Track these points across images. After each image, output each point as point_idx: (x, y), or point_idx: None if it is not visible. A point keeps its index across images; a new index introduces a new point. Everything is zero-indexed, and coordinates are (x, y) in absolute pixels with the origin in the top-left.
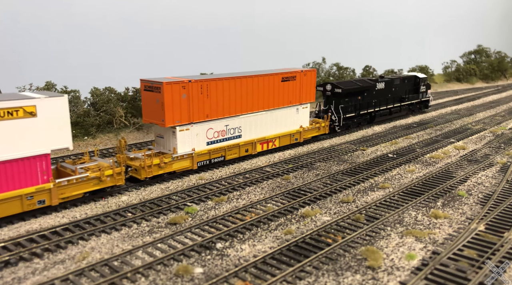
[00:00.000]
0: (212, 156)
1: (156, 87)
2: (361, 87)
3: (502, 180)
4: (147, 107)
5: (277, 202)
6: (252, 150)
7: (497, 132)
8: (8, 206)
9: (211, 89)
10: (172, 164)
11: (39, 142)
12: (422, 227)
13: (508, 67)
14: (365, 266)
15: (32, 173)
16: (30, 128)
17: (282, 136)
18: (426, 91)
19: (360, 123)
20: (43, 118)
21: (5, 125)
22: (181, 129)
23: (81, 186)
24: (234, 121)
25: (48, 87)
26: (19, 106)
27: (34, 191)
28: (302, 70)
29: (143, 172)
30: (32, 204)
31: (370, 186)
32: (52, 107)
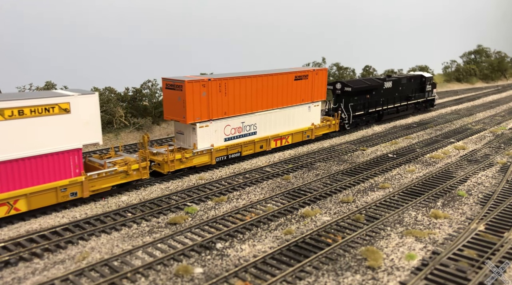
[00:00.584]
0: (230, 152)
1: (178, 85)
2: (369, 86)
3: (502, 180)
4: (169, 105)
5: (277, 202)
6: (267, 146)
7: (497, 132)
8: (45, 197)
9: (229, 87)
10: (193, 159)
11: (72, 137)
12: (422, 227)
13: (508, 67)
14: (365, 266)
15: (66, 167)
16: (64, 124)
17: (294, 133)
18: (432, 90)
19: (368, 121)
20: (76, 115)
21: (43, 121)
22: (201, 126)
23: (109, 180)
24: (250, 118)
25: (48, 87)
26: (55, 103)
27: (67, 183)
28: (314, 69)
29: (166, 166)
30: (65, 196)
31: (370, 186)
32: (84, 104)
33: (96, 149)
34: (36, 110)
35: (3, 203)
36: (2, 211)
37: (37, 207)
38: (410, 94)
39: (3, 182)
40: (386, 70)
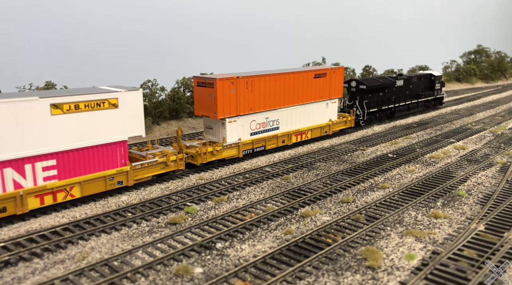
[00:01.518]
0: (255, 146)
1: (209, 83)
2: (382, 84)
3: (502, 180)
4: (199, 101)
5: (277, 202)
6: (288, 141)
7: (497, 132)
8: (96, 185)
9: (255, 85)
10: (222, 152)
11: (119, 130)
12: (422, 227)
13: (508, 67)
14: (365, 266)
15: (113, 157)
16: (112, 117)
17: (313, 129)
18: (441, 88)
19: (381, 118)
20: (123, 109)
21: (95, 115)
22: (230, 121)
23: (150, 170)
24: (273, 114)
25: (48, 87)
26: (105, 99)
27: (115, 172)
28: (331, 67)
29: (199, 158)
30: (112, 184)
31: (370, 186)
32: (130, 100)
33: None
34: (89, 104)
35: (61, 190)
36: (60, 197)
37: (88, 193)
38: (420, 92)
39: (61, 171)
40: (386, 70)
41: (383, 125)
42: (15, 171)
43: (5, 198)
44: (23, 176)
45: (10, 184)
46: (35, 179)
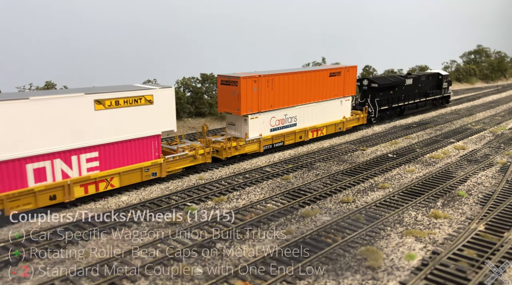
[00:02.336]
0: (274, 141)
1: (233, 81)
2: (393, 83)
3: (502, 180)
4: (223, 99)
5: (277, 202)
6: (305, 137)
7: (497, 132)
8: (133, 176)
9: (275, 83)
10: (245, 147)
11: (154, 124)
12: (422, 227)
13: (508, 67)
14: (365, 266)
15: (148, 150)
16: (148, 113)
17: (329, 125)
18: (448, 87)
19: (391, 115)
20: (157, 105)
21: (132, 110)
22: (252, 117)
23: (181, 162)
24: (291, 111)
25: (48, 87)
26: (142, 95)
27: (150, 164)
28: (345, 66)
29: (224, 152)
30: (148, 175)
31: (370, 186)
32: (164, 96)
33: None
34: (128, 100)
35: (103, 180)
36: (101, 186)
37: (126, 184)
38: (428, 91)
39: (102, 162)
40: (386, 70)
41: (383, 125)
42: (63, 162)
43: (55, 187)
44: (70, 166)
45: (59, 174)
46: (80, 170)
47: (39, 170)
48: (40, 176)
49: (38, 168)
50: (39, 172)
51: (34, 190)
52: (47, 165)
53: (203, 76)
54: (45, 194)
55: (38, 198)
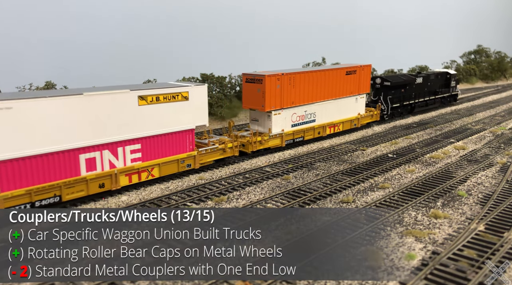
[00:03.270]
0: (295, 136)
1: (258, 79)
2: (404, 81)
3: (502, 180)
4: (248, 96)
5: (277, 202)
6: (323, 132)
7: (497, 132)
8: (170, 167)
9: (296, 81)
10: (268, 142)
11: (189, 119)
12: (422, 227)
13: (508, 67)
14: (365, 266)
15: (184, 143)
16: (184, 108)
17: (345, 122)
18: (456, 86)
19: (402, 113)
20: (192, 101)
21: (170, 106)
22: (275, 113)
23: (212, 155)
24: (311, 108)
25: (48, 87)
26: (179, 92)
27: (185, 156)
28: (361, 65)
29: (250, 146)
30: (183, 167)
31: (370, 186)
32: (198, 93)
33: None
34: (167, 97)
35: (145, 170)
36: (143, 176)
37: (165, 174)
38: (437, 89)
39: (144, 154)
40: (386, 70)
41: (383, 125)
42: (110, 153)
43: (104, 176)
44: (116, 157)
45: (107, 164)
46: (125, 160)
47: (90, 160)
48: (91, 166)
49: (89, 158)
50: (90, 162)
51: (86, 178)
52: (97, 156)
53: (203, 76)
54: (95, 182)
55: (90, 185)
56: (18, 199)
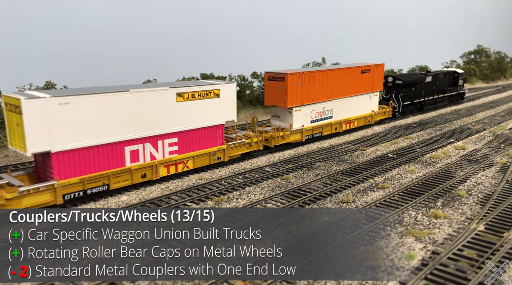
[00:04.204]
0: (314, 132)
1: (280, 77)
2: (415, 80)
3: (502, 180)
4: (270, 93)
5: (277, 202)
6: (339, 128)
7: (497, 132)
8: (203, 159)
9: (315, 78)
10: (290, 136)
11: (219, 115)
12: (422, 227)
13: (508, 67)
14: (365, 266)
15: (215, 137)
16: (215, 105)
17: (359, 118)
18: (463, 84)
19: (412, 110)
20: (222, 98)
21: (203, 102)
22: (296, 110)
23: (239, 149)
24: (328, 104)
25: (48, 87)
26: (211, 89)
27: (216, 150)
28: (375, 64)
29: (273, 141)
30: (214, 159)
31: (370, 186)
32: (228, 91)
33: None
34: (201, 94)
35: (181, 162)
36: (180, 167)
37: (198, 166)
38: (445, 88)
39: (180, 147)
40: (386, 70)
41: (383, 125)
42: (151, 145)
43: (146, 167)
44: (156, 150)
45: (148, 156)
46: (164, 153)
47: (134, 152)
48: (135, 157)
49: (133, 150)
50: (134, 154)
51: (131, 169)
52: (140, 148)
53: (203, 76)
54: (138, 172)
55: (134, 175)
56: (73, 187)
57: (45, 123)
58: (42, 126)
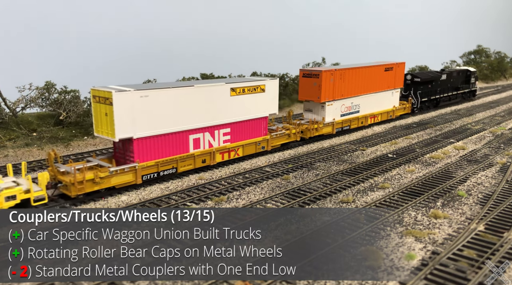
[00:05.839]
0: (343, 125)
1: (315, 74)
2: (432, 77)
3: (501, 180)
4: (304, 89)
5: (277, 202)
6: (365, 122)
7: (496, 132)
8: (250, 148)
9: (345, 75)
10: (322, 129)
11: (264, 108)
12: (421, 227)
13: (508, 67)
14: (365, 266)
15: (260, 128)
16: (261, 99)
17: (382, 113)
18: (475, 82)
19: (429, 106)
20: (267, 93)
21: (252, 97)
22: (328, 104)
23: (279, 139)
24: (356, 100)
25: (48, 87)
26: (259, 85)
27: (261, 140)
28: (397, 62)
29: (308, 133)
30: (259, 148)
31: (370, 186)
32: (272, 86)
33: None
34: (250, 89)
35: (232, 150)
36: (231, 155)
37: (246, 154)
38: (458, 85)
39: (232, 136)
40: None
41: (383, 125)
42: (209, 134)
43: (205, 153)
44: (213, 138)
45: (207, 144)
46: (219, 141)
47: (196, 140)
48: (196, 145)
49: (196, 138)
50: (196, 142)
51: (194, 155)
52: (200, 137)
53: (203, 76)
54: (199, 158)
55: (196, 160)
56: (150, 169)
57: (130, 113)
58: (127, 115)
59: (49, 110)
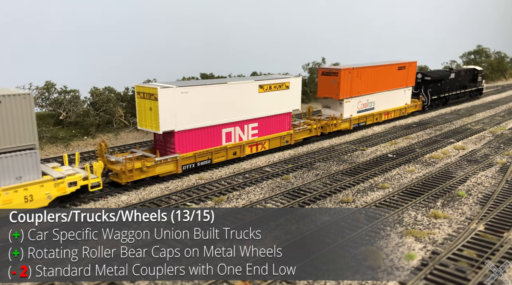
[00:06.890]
0: (360, 121)
1: (334, 73)
2: (441, 76)
3: (501, 180)
4: (323, 87)
5: (277, 202)
6: (380, 118)
7: (496, 132)
8: (276, 142)
9: (362, 74)
10: (341, 124)
11: (288, 104)
12: (421, 227)
13: (508, 67)
14: (365, 266)
15: (284, 123)
16: (285, 95)
17: (395, 110)
18: (482, 81)
19: (438, 104)
20: (291, 90)
21: (277, 93)
22: (346, 101)
23: (301, 134)
24: (371, 97)
25: (48, 87)
26: (284, 82)
27: (285, 134)
28: (409, 62)
29: (327, 128)
30: (283, 142)
31: (370, 186)
32: (295, 83)
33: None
34: (276, 86)
35: (260, 143)
36: (259, 148)
37: (272, 147)
38: (466, 84)
39: (260, 130)
40: None
41: (383, 125)
42: (240, 129)
43: (236, 146)
44: (243, 132)
45: (237, 137)
46: (248, 135)
47: (228, 133)
48: (228, 138)
49: (228, 132)
50: (228, 135)
51: (226, 147)
52: (232, 130)
53: (202, 76)
54: (231, 150)
55: (228, 152)
56: (188, 160)
57: (172, 108)
58: (170, 110)
59: (49, 110)
